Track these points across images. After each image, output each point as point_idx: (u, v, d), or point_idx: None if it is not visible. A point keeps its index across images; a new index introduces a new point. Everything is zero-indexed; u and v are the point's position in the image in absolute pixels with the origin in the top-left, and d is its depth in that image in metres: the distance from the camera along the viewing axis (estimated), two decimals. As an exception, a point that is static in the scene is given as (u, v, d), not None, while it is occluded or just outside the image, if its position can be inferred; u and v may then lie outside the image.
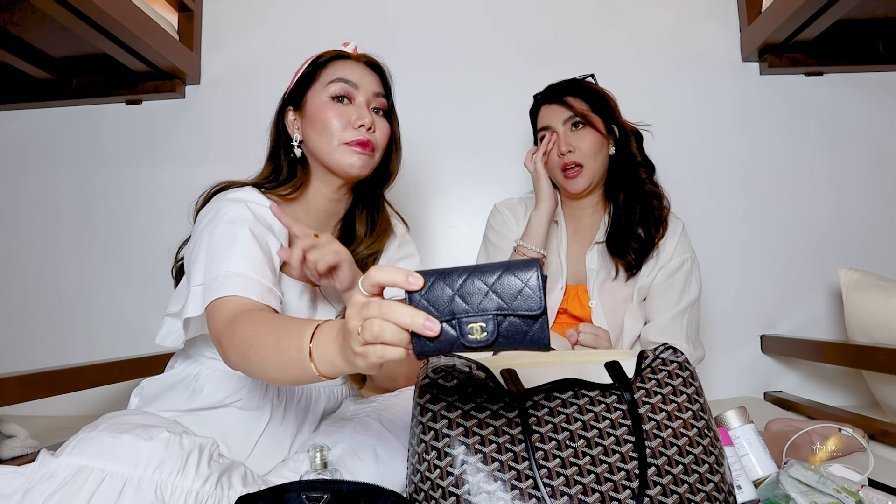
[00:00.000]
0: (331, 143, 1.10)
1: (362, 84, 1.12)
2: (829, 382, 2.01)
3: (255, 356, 0.81)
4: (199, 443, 0.88)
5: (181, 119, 2.15)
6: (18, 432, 1.46)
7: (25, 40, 1.90)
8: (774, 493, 0.95)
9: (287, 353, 0.75)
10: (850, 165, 2.06)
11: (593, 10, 2.14)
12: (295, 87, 1.17)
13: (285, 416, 1.10)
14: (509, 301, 0.61)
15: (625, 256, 1.45)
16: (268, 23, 2.15)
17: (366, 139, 1.10)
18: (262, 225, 1.02)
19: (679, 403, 0.91)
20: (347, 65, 1.14)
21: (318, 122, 1.10)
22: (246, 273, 0.92)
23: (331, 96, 1.11)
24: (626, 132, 1.50)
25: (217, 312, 0.90)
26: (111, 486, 0.81)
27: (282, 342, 0.77)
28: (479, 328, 0.61)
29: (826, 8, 1.73)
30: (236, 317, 0.87)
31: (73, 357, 1.77)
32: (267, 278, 0.94)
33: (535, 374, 0.92)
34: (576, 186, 1.47)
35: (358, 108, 1.11)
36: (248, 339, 0.82)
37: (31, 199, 2.17)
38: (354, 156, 1.09)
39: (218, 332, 0.89)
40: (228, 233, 0.98)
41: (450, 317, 0.61)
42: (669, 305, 1.45)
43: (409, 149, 2.11)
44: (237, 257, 0.94)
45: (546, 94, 1.52)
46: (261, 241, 0.99)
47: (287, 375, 0.78)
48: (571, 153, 1.44)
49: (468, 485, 0.80)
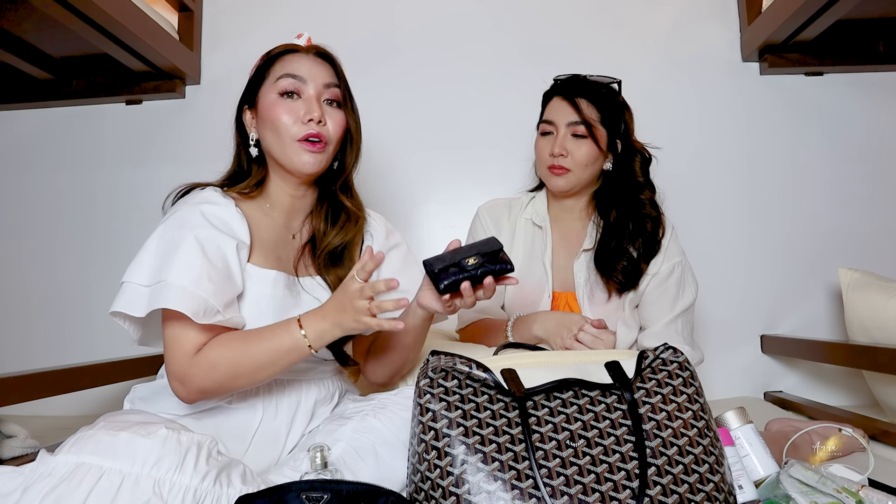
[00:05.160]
0: (283, 140, 1.10)
1: (311, 77, 1.11)
2: (829, 382, 2.01)
3: (245, 363, 0.99)
4: (197, 440, 0.88)
5: (181, 119, 2.15)
6: (18, 432, 1.46)
7: (25, 40, 1.90)
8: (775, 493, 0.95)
9: (281, 346, 0.99)
10: (850, 165, 2.06)
11: (594, 10, 2.14)
12: (249, 85, 1.17)
13: (278, 410, 1.11)
14: (483, 249, 1.01)
15: (612, 276, 1.42)
16: (268, 23, 2.15)
17: (316, 132, 1.09)
18: (214, 227, 1.04)
19: (679, 403, 0.91)
20: (296, 58, 1.13)
21: (269, 121, 1.11)
22: (181, 283, 0.96)
23: (279, 93, 1.11)
24: (631, 151, 1.45)
25: (174, 349, 1.00)
26: (109, 482, 0.81)
27: (271, 342, 1.00)
28: (473, 260, 0.99)
29: (826, 8, 1.73)
30: (201, 352, 0.99)
31: (73, 357, 1.76)
32: (203, 288, 0.97)
33: (536, 375, 0.91)
34: (556, 184, 1.44)
35: (307, 101, 1.10)
36: (228, 357, 0.99)
37: (31, 198, 2.17)
38: (305, 154, 1.09)
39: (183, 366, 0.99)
40: (175, 238, 1.01)
41: (452, 262, 0.99)
42: (664, 312, 1.43)
43: (409, 148, 2.13)
44: (177, 266, 0.98)
45: (563, 86, 1.46)
46: (207, 246, 1.01)
47: (279, 365, 1.01)
48: (563, 157, 1.41)
49: (468, 484, 0.80)
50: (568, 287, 1.47)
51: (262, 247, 1.11)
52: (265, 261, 1.11)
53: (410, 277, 1.18)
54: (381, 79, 2.10)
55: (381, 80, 2.10)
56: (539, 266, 1.48)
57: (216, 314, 0.99)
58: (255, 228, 1.11)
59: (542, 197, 1.54)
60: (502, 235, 1.50)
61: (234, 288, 1.04)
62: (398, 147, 2.10)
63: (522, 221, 1.52)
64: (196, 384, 0.99)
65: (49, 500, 0.79)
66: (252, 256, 1.09)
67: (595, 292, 1.45)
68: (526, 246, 1.50)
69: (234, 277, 1.04)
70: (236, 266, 1.04)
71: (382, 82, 2.10)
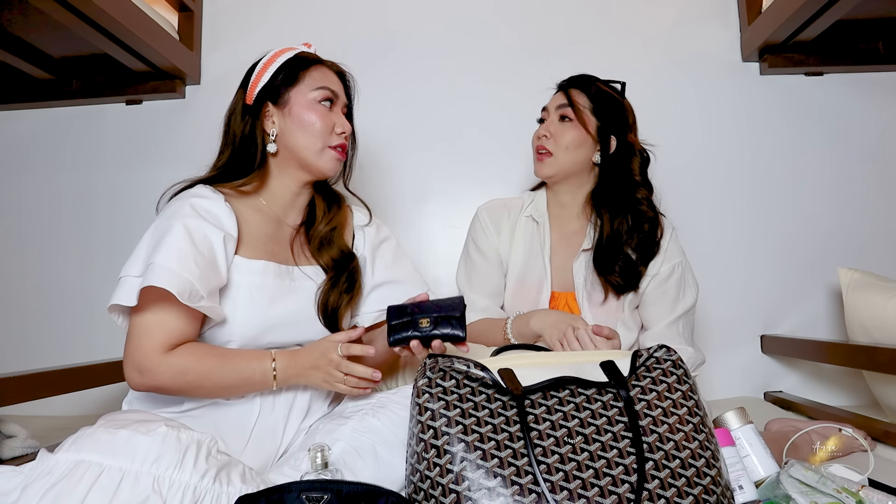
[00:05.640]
0: (316, 144, 1.18)
1: (339, 93, 1.23)
2: (829, 382, 2.01)
3: (213, 380, 1.05)
4: (197, 438, 0.89)
5: (181, 119, 2.15)
6: (18, 432, 1.46)
7: (25, 40, 1.90)
8: (775, 493, 0.95)
9: (252, 374, 1.07)
10: (850, 165, 2.06)
11: (594, 10, 2.14)
12: (272, 83, 1.20)
13: (275, 404, 1.13)
14: (444, 311, 1.07)
15: (611, 277, 1.42)
16: (268, 23, 2.15)
17: (344, 143, 1.22)
18: (202, 218, 1.09)
19: (674, 400, 0.92)
20: (327, 73, 1.23)
21: (305, 123, 1.18)
22: (168, 265, 1.00)
23: (318, 100, 1.20)
24: (629, 149, 1.46)
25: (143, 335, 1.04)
26: (109, 479, 0.81)
27: (243, 368, 1.07)
28: (427, 323, 1.06)
29: (826, 8, 1.73)
30: (173, 354, 1.03)
31: (73, 357, 1.76)
32: (188, 270, 1.01)
33: (532, 374, 0.92)
34: (539, 169, 1.47)
35: (337, 115, 1.22)
36: (199, 369, 1.03)
37: (32, 198, 2.17)
38: (334, 161, 1.21)
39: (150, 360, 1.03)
40: (165, 228, 1.07)
41: (409, 318, 1.07)
42: (665, 313, 1.43)
43: (408, 148, 2.13)
44: (165, 249, 1.02)
45: (562, 82, 1.52)
46: (195, 234, 1.06)
47: (242, 390, 1.09)
48: (547, 139, 1.45)
49: (468, 481, 0.80)
50: (567, 287, 1.47)
51: (250, 241, 1.15)
52: (253, 252, 1.15)
53: (401, 270, 1.30)
54: (380, 78, 2.10)
55: (380, 79, 2.10)
56: (539, 263, 1.48)
57: (200, 299, 1.02)
58: (244, 224, 1.15)
59: (542, 195, 1.55)
60: (502, 235, 1.50)
61: (217, 278, 1.08)
62: (398, 147, 2.10)
63: (522, 220, 1.52)
64: (157, 381, 1.02)
65: (49, 498, 0.79)
66: (240, 249, 1.13)
67: (594, 293, 1.45)
68: (525, 244, 1.50)
69: (218, 268, 1.08)
70: (222, 257, 1.09)
71: (382, 82, 2.10)
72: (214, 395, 1.09)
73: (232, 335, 1.10)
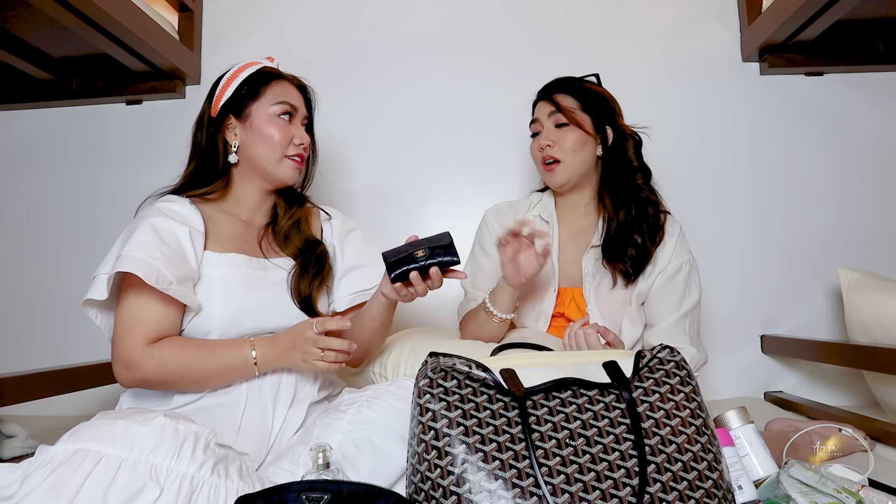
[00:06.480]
0: (274, 154, 1.26)
1: (298, 106, 1.30)
2: (829, 382, 2.01)
3: (195, 369, 1.10)
4: (195, 430, 0.89)
5: (181, 119, 2.13)
6: (18, 432, 1.46)
7: (25, 40, 1.90)
8: (775, 493, 0.95)
9: (232, 361, 1.12)
10: (850, 165, 2.06)
11: (594, 10, 2.13)
12: (235, 97, 1.28)
13: (261, 389, 1.16)
14: (435, 242, 1.14)
15: (620, 264, 1.44)
16: (268, 23, 2.15)
17: (301, 153, 1.29)
18: (168, 217, 1.17)
19: (677, 402, 0.92)
20: (287, 88, 1.30)
21: (265, 135, 1.25)
22: (135, 255, 1.08)
23: (277, 114, 1.27)
24: (622, 135, 1.49)
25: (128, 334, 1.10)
26: (106, 466, 0.82)
27: (223, 356, 1.12)
28: (422, 253, 1.12)
29: (826, 8, 1.73)
30: (155, 347, 1.09)
31: (73, 357, 1.76)
32: (152, 257, 1.09)
33: (534, 374, 0.92)
34: (552, 180, 1.49)
35: (296, 128, 1.29)
36: (180, 359, 1.09)
37: (33, 199, 2.17)
38: (293, 170, 1.28)
39: (134, 354, 1.09)
40: (131, 229, 1.16)
41: (405, 254, 1.13)
42: (671, 310, 1.44)
43: (408, 147, 2.12)
44: (132, 244, 1.11)
45: (540, 92, 1.55)
46: (161, 230, 1.14)
47: (225, 379, 1.13)
48: (550, 147, 1.47)
49: (469, 483, 0.80)
50: (575, 282, 1.49)
51: (219, 238, 1.23)
52: (223, 248, 1.22)
53: (370, 255, 1.36)
54: (380, 78, 2.10)
55: (380, 79, 2.10)
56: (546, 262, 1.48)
57: (170, 284, 1.08)
58: (211, 223, 1.23)
59: (550, 195, 1.58)
60: None
61: (187, 267, 1.14)
62: (398, 147, 2.10)
63: (529, 219, 1.53)
64: (142, 373, 1.09)
65: (47, 484, 0.80)
66: (209, 245, 1.20)
67: (601, 285, 1.46)
68: None
69: (187, 258, 1.15)
70: (190, 249, 1.16)
71: (382, 81, 2.10)
72: (199, 385, 1.13)
73: (211, 324, 1.16)
